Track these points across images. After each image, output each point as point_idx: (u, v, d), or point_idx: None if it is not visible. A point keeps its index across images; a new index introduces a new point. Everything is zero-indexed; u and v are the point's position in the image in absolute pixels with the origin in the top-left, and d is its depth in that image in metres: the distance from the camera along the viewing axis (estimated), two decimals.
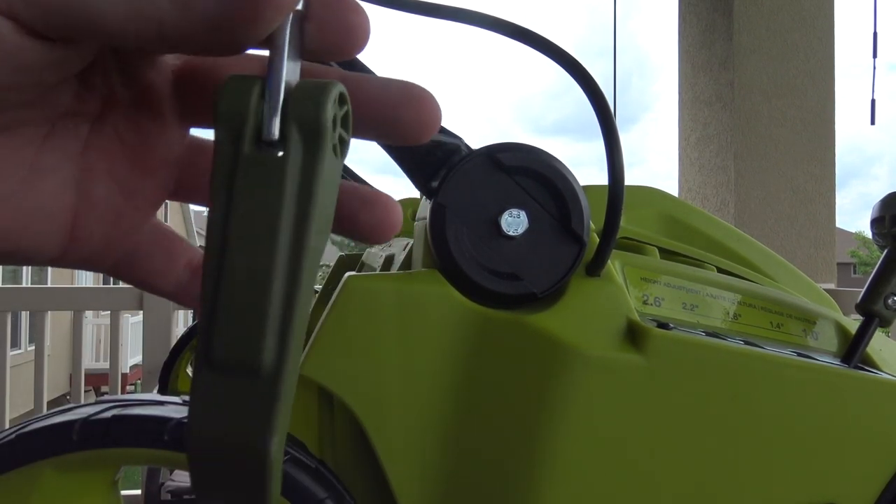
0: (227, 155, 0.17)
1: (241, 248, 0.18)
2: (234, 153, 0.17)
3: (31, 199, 0.20)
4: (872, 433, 0.59)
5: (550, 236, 0.52)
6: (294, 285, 0.18)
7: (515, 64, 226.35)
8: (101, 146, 0.22)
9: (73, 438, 0.52)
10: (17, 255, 0.21)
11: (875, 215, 0.67)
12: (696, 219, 0.74)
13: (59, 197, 0.21)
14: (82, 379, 2.44)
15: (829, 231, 2.50)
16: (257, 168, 0.17)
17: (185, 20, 0.17)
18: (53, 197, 0.21)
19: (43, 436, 0.52)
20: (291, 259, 0.18)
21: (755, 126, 2.45)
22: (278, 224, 0.17)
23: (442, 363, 0.52)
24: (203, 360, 0.18)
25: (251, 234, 0.18)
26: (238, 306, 0.18)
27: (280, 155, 0.17)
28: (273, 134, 0.17)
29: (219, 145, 0.18)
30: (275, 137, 0.17)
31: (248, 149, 0.17)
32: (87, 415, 0.53)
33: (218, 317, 0.17)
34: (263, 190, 0.17)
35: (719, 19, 2.50)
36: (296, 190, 0.18)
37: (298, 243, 0.18)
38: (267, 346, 0.18)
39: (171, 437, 0.52)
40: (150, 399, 0.56)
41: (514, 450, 0.53)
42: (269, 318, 0.17)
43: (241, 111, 0.18)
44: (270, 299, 0.18)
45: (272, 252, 0.17)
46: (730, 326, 0.61)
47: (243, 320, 0.18)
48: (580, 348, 0.52)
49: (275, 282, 0.18)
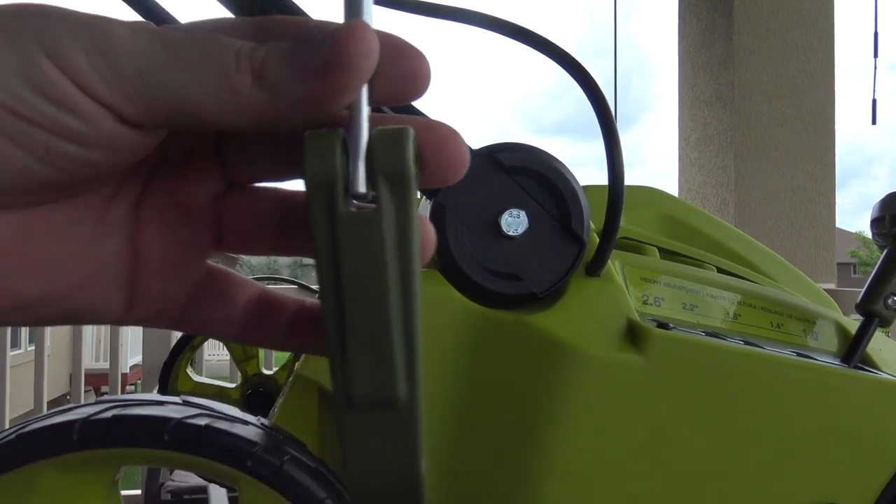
0: (323, 215, 0.18)
1: (358, 303, 0.19)
2: (329, 213, 0.18)
3: (95, 258, 0.21)
4: (872, 433, 0.59)
5: (550, 236, 0.52)
6: (410, 323, 0.20)
7: (515, 64, 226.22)
8: (152, 201, 0.22)
9: (73, 438, 0.52)
10: (83, 315, 0.22)
11: (875, 215, 0.67)
12: (696, 219, 0.74)
13: (120, 254, 0.22)
14: (82, 379, 2.44)
15: (829, 231, 2.50)
16: (356, 226, 0.18)
17: (274, 105, 0.18)
18: (114, 254, 0.22)
19: (43, 436, 0.52)
20: (403, 301, 0.19)
21: (755, 126, 2.45)
22: (386, 276, 0.19)
23: (442, 363, 0.52)
24: (344, 404, 0.19)
25: (364, 290, 0.19)
26: (367, 353, 0.19)
27: (374, 209, 0.18)
28: (363, 188, 0.18)
29: (313, 205, 0.18)
30: (364, 191, 0.18)
31: (342, 208, 0.18)
32: (87, 415, 0.53)
33: (350, 366, 0.19)
34: (367, 246, 0.19)
35: (719, 19, 2.50)
36: (394, 240, 0.19)
37: (407, 286, 0.19)
38: (399, 382, 0.20)
39: (171, 437, 0.52)
40: (150, 399, 0.56)
41: (515, 449, 0.53)
42: (396, 358, 0.19)
43: (330, 171, 0.18)
44: (394, 342, 0.19)
45: (386, 301, 0.19)
46: (730, 326, 0.61)
47: (374, 365, 0.19)
48: (580, 348, 0.52)
49: (394, 326, 0.19)
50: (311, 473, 0.53)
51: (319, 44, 0.18)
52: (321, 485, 0.53)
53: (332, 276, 0.19)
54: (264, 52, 0.18)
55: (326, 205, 0.18)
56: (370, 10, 0.19)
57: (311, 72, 0.18)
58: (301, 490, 0.52)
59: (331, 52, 0.18)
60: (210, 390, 1.50)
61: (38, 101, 0.17)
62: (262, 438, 0.53)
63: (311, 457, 0.55)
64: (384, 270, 0.19)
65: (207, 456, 0.52)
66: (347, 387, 0.19)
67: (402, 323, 0.19)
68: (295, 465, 0.53)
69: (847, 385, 0.59)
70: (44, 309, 0.21)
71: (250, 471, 0.52)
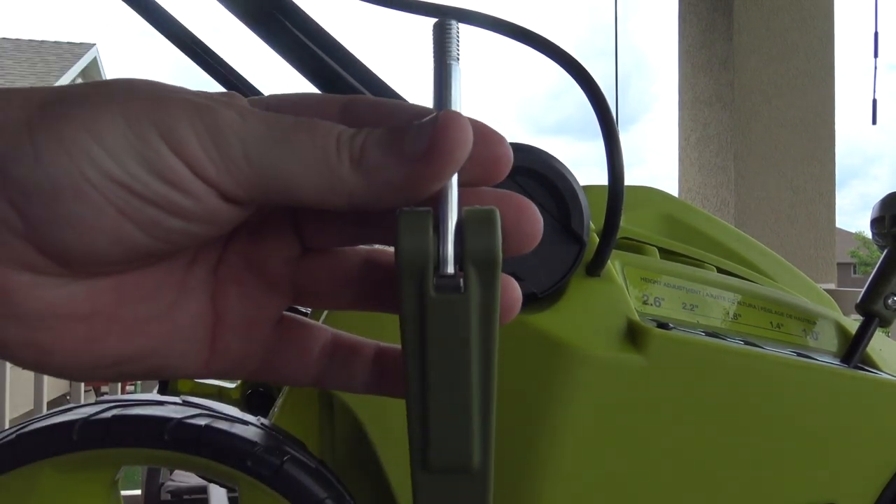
0: (413, 293, 0.19)
1: (442, 376, 0.20)
2: (419, 292, 0.19)
3: (178, 320, 0.23)
4: (872, 433, 0.59)
5: (550, 236, 0.52)
6: (488, 396, 0.21)
7: (516, 64, 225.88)
8: (230, 264, 0.23)
9: (73, 438, 0.52)
10: (164, 371, 0.23)
11: (875, 215, 0.67)
12: (696, 219, 0.74)
13: (200, 315, 0.23)
14: None
15: (829, 231, 2.50)
16: (445, 308, 0.19)
17: (370, 188, 0.19)
18: (195, 316, 0.23)
19: (43, 436, 0.52)
20: (484, 375, 0.20)
21: (755, 126, 2.45)
22: (470, 354, 0.20)
23: None
24: (420, 465, 0.21)
25: (449, 365, 0.20)
26: (446, 423, 0.21)
27: (463, 294, 0.19)
28: (451, 269, 0.19)
29: (404, 283, 0.19)
30: (452, 272, 0.19)
31: (432, 291, 0.19)
32: (87, 415, 0.53)
33: (430, 433, 0.21)
34: (454, 327, 0.20)
35: (719, 19, 2.50)
36: (479, 320, 0.20)
37: (487, 361, 0.20)
38: (475, 451, 0.21)
39: (171, 437, 0.52)
40: (150, 399, 0.56)
41: (515, 449, 0.53)
42: (474, 428, 0.21)
43: (423, 251, 0.19)
44: (472, 414, 0.21)
45: (469, 377, 0.20)
46: (730, 326, 0.61)
47: (453, 434, 0.21)
48: (580, 348, 0.51)
49: (474, 399, 0.20)
50: (311, 473, 0.53)
51: (417, 132, 0.19)
52: (321, 485, 0.53)
53: (419, 349, 0.20)
54: (363, 137, 0.19)
55: (417, 284, 0.19)
56: (460, 97, 0.20)
57: (410, 159, 0.19)
58: (301, 490, 0.52)
59: (430, 141, 0.19)
60: (210, 390, 1.49)
61: (152, 181, 0.19)
62: (262, 438, 0.53)
63: (311, 457, 0.55)
64: (468, 349, 0.20)
65: (207, 456, 0.52)
66: (425, 451, 0.21)
67: (480, 395, 0.20)
68: (295, 465, 0.53)
69: (847, 385, 0.59)
70: (128, 367, 0.22)
71: (250, 471, 0.52)
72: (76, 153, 0.18)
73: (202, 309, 0.23)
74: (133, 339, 0.22)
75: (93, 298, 0.21)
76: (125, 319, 0.21)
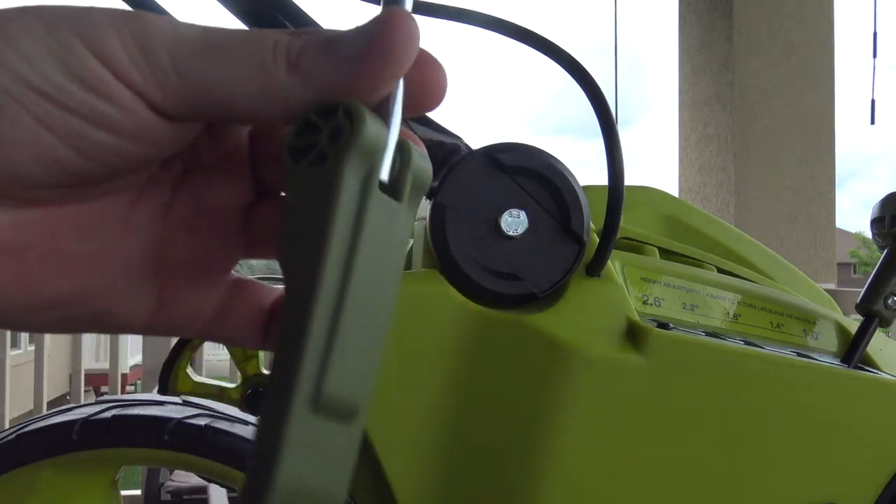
0: (356, 186, 0.17)
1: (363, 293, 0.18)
2: (364, 186, 0.18)
3: (122, 260, 0.21)
4: (872, 433, 0.59)
5: (550, 236, 0.52)
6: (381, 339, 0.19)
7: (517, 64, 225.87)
8: (182, 206, 0.22)
9: (73, 438, 0.52)
10: (110, 321, 0.22)
11: (875, 215, 0.67)
12: (696, 219, 0.74)
13: (147, 257, 0.22)
14: (82, 379, 2.44)
15: (829, 231, 2.50)
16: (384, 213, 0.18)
17: (308, 92, 0.18)
18: (142, 258, 0.22)
19: (43, 436, 0.52)
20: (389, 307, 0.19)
21: (755, 126, 2.45)
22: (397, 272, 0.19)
23: (442, 363, 0.52)
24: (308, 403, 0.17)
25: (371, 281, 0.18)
26: (353, 351, 0.18)
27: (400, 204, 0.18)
28: (386, 178, 0.18)
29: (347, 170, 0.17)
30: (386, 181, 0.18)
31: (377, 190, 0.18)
32: (87, 415, 0.53)
33: (332, 360, 0.17)
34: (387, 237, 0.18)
35: (719, 20, 2.50)
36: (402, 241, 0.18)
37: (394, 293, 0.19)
38: (368, 391, 0.18)
39: (171, 437, 0.52)
40: (150, 399, 0.56)
41: (514, 450, 0.53)
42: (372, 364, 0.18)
43: (382, 140, 0.18)
44: (379, 347, 0.18)
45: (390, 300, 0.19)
46: (730, 326, 0.61)
47: (354, 366, 0.18)
48: (580, 348, 0.51)
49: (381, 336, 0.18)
50: None
51: (358, 32, 0.18)
52: None
53: (348, 247, 0.17)
54: (301, 42, 0.18)
55: (364, 175, 0.17)
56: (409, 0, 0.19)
57: (349, 59, 0.18)
58: None
59: (372, 40, 0.18)
60: (210, 390, 1.49)
61: (73, 87, 0.17)
62: None
63: None
64: (397, 266, 0.19)
65: (207, 456, 0.52)
66: (319, 382, 0.17)
67: (383, 332, 0.19)
68: None
69: (847, 385, 0.59)
70: (71, 309, 0.21)
71: None
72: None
73: (149, 252, 0.22)
74: (71, 277, 0.20)
75: (22, 230, 0.19)
76: (62, 255, 0.20)
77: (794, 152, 2.47)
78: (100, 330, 0.22)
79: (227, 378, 2.23)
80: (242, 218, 0.23)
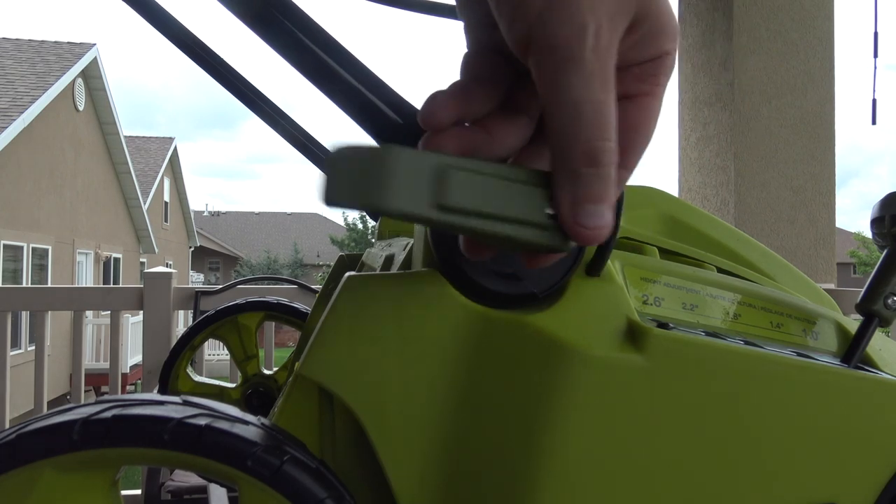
0: None
1: None
2: None
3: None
4: (872, 433, 0.59)
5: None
6: None
7: None
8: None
9: (73, 438, 0.52)
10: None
11: (875, 215, 0.67)
12: (696, 219, 0.74)
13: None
14: (82, 379, 2.44)
15: (829, 231, 2.50)
16: None
17: None
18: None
19: (43, 436, 0.52)
20: None
21: (755, 126, 2.45)
22: None
23: (442, 363, 0.52)
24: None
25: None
26: None
27: None
28: None
29: None
30: None
31: None
32: (87, 415, 0.53)
33: None
34: None
35: (719, 19, 2.50)
36: None
37: None
38: None
39: (171, 437, 0.52)
40: (150, 399, 0.56)
41: (514, 449, 0.53)
42: None
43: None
44: None
45: None
46: (730, 326, 0.61)
47: None
48: (580, 348, 0.51)
49: None
50: (311, 473, 0.53)
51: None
52: (321, 485, 0.53)
53: None
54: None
55: None
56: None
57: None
58: (301, 490, 0.52)
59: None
60: (210, 390, 1.50)
61: None
62: (262, 438, 0.53)
63: (311, 457, 0.55)
64: None
65: (207, 456, 0.52)
66: None
67: None
68: (295, 465, 0.53)
69: (847, 385, 0.59)
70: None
71: (250, 471, 0.52)
72: None
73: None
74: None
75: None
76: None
77: (794, 152, 2.47)
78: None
79: (227, 378, 2.23)
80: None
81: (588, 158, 0.32)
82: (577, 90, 0.31)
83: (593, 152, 0.32)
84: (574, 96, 0.31)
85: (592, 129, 0.32)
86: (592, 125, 0.32)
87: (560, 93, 0.31)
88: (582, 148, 0.32)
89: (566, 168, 0.33)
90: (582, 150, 0.32)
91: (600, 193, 0.33)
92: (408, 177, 0.29)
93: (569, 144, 0.32)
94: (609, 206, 0.34)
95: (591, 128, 0.32)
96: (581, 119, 0.32)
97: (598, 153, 0.32)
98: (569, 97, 0.31)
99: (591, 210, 0.33)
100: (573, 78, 0.31)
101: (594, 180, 0.33)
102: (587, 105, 0.31)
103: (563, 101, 0.32)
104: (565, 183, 0.33)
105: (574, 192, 0.33)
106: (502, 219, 0.33)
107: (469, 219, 0.32)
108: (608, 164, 0.33)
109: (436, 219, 0.31)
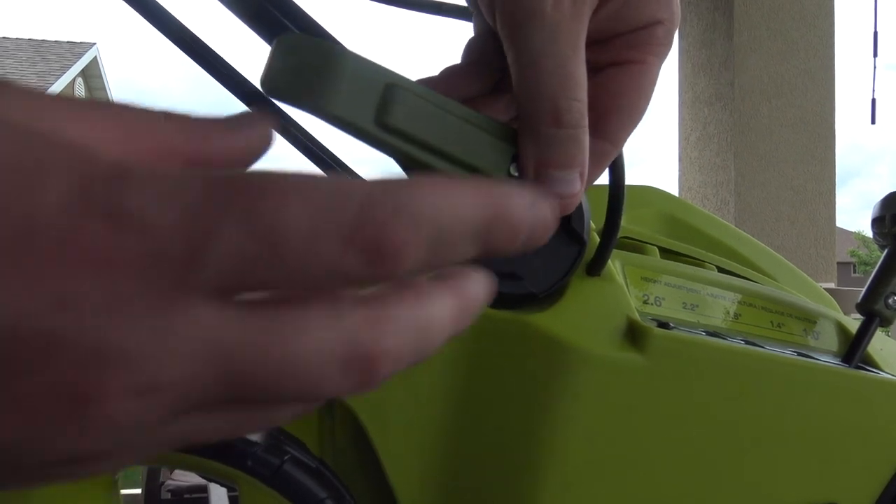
0: None
1: None
2: None
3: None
4: (873, 433, 0.59)
5: (551, 236, 0.52)
6: None
7: None
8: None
9: None
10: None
11: (875, 215, 0.67)
12: (696, 218, 0.74)
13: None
14: None
15: (829, 231, 2.50)
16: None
17: None
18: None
19: None
20: None
21: (755, 126, 2.45)
22: None
23: (442, 362, 0.52)
24: None
25: None
26: None
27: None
28: None
29: None
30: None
31: None
32: None
33: None
34: None
35: (719, 19, 2.50)
36: None
37: None
38: None
39: None
40: None
41: (515, 449, 0.53)
42: None
43: None
44: None
45: None
46: (730, 326, 0.61)
47: None
48: (580, 348, 0.51)
49: None
50: (311, 473, 0.53)
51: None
52: (321, 485, 0.53)
53: None
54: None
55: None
56: None
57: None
58: (301, 490, 0.52)
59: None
60: None
61: None
62: (262, 438, 0.53)
63: (311, 457, 0.55)
64: None
65: (207, 456, 0.52)
66: None
67: None
68: (295, 465, 0.53)
69: (848, 384, 0.59)
70: None
71: (250, 471, 0.52)
72: None
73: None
74: None
75: None
76: None
77: (794, 152, 2.47)
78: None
79: None
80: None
81: (551, 117, 0.29)
82: (537, 42, 0.29)
83: (557, 111, 0.29)
84: (535, 48, 0.29)
85: (556, 84, 0.29)
86: (555, 80, 0.29)
87: (521, 45, 0.29)
88: (545, 106, 0.29)
89: (529, 127, 0.30)
90: (545, 107, 0.30)
91: (566, 158, 0.30)
92: (356, 83, 0.27)
93: (530, 100, 0.30)
94: (577, 173, 0.31)
95: (555, 83, 0.29)
96: (542, 73, 0.29)
97: (563, 112, 0.29)
98: (530, 49, 0.29)
99: (555, 176, 0.31)
100: (534, 31, 0.29)
101: (559, 142, 0.30)
102: (549, 59, 0.29)
103: (524, 53, 0.29)
104: (528, 143, 0.31)
105: (538, 154, 0.31)
106: (449, 157, 0.30)
107: (409, 145, 0.30)
108: (575, 125, 0.30)
109: (374, 134, 0.29)
